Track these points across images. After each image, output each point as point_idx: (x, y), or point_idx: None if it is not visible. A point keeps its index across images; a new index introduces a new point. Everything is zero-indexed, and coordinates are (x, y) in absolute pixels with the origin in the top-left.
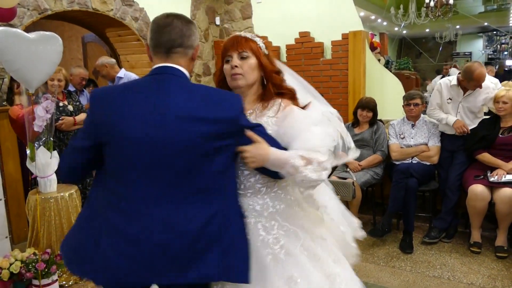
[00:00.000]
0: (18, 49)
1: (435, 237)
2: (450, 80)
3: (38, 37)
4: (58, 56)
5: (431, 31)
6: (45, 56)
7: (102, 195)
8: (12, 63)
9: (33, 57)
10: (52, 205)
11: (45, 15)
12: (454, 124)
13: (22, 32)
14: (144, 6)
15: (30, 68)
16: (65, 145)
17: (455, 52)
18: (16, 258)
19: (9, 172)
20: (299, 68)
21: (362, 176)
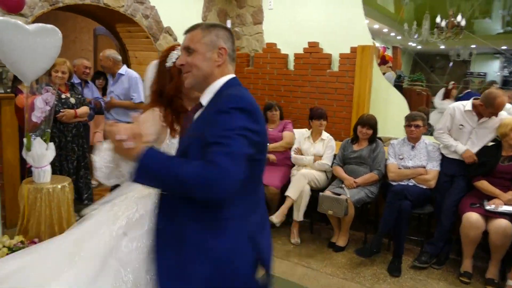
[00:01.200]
0: (16, 41)
1: (425, 262)
2: (464, 105)
3: (37, 30)
4: (56, 50)
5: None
6: (43, 50)
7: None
8: (9, 54)
9: (31, 50)
10: (44, 196)
11: (56, 7)
12: (463, 154)
13: (21, 23)
14: (156, 5)
15: (27, 61)
16: (65, 136)
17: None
18: (4, 245)
19: (7, 158)
20: (306, 78)
21: (356, 194)
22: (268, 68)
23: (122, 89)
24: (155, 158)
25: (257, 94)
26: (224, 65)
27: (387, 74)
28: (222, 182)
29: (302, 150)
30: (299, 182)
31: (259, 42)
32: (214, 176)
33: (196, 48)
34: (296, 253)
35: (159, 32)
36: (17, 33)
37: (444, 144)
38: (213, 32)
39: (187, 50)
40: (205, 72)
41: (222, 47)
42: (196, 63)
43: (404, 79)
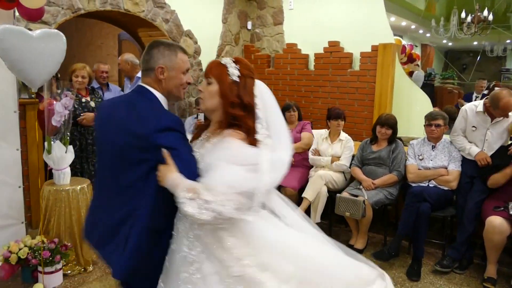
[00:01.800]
0: (22, 48)
1: (447, 266)
2: (476, 105)
3: (42, 35)
4: (61, 54)
5: (479, 44)
6: (48, 55)
7: None
8: (15, 62)
9: (37, 56)
10: (64, 197)
11: (78, 14)
12: (476, 156)
13: (25, 30)
14: (176, 9)
15: (33, 67)
16: (86, 139)
17: (504, 68)
18: (25, 244)
19: (32, 161)
20: (326, 78)
21: (374, 195)
22: (289, 69)
23: None
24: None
25: (277, 95)
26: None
27: (416, 73)
28: None
29: (320, 151)
30: (316, 183)
31: (280, 43)
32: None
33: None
34: None
35: (179, 36)
36: (22, 40)
37: (458, 147)
38: None
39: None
40: None
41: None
42: None
43: (435, 77)
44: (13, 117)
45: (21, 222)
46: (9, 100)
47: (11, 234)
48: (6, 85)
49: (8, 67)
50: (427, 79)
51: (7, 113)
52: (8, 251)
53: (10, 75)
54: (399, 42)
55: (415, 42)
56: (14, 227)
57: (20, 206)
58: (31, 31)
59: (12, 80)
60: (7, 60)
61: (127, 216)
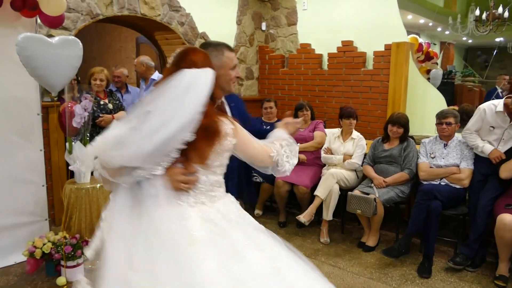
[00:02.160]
0: (42, 55)
1: (460, 263)
2: (495, 105)
3: (60, 42)
4: (78, 60)
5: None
6: (66, 61)
7: None
8: (37, 69)
9: (56, 62)
10: (84, 195)
11: (97, 19)
12: (490, 154)
13: (45, 37)
14: (190, 12)
15: (53, 73)
16: None
17: None
18: (49, 240)
19: (55, 161)
20: (340, 77)
21: (385, 193)
22: (303, 69)
23: None
24: None
25: (292, 94)
26: None
27: (434, 71)
28: None
29: (332, 149)
30: (328, 182)
31: (294, 43)
32: None
33: None
34: (324, 252)
35: (194, 38)
36: (42, 47)
37: (471, 144)
38: None
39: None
40: None
41: None
42: None
43: (456, 75)
44: (37, 119)
45: (44, 219)
46: (32, 104)
47: (35, 231)
48: (29, 89)
49: (30, 73)
50: (447, 77)
51: (31, 116)
52: (33, 246)
53: (34, 80)
54: (415, 40)
55: (434, 40)
56: (39, 223)
57: (44, 204)
58: (51, 38)
59: (35, 85)
60: (29, 66)
61: None
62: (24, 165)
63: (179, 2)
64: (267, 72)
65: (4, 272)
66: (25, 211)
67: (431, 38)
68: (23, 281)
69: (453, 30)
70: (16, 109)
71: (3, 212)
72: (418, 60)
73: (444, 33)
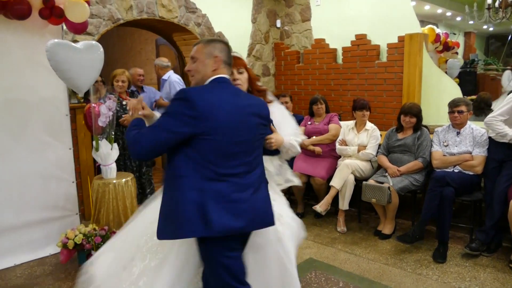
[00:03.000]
0: (69, 59)
1: (476, 249)
2: None
3: (85, 47)
4: (100, 63)
5: None
6: (90, 64)
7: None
8: (65, 72)
9: (81, 65)
10: (111, 190)
11: (118, 24)
12: None
13: (71, 43)
14: (207, 12)
15: (79, 75)
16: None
17: None
18: (80, 231)
19: (83, 159)
20: (354, 70)
21: (400, 182)
22: (318, 64)
23: (165, 93)
24: (131, 123)
25: (307, 89)
26: (219, 69)
27: (450, 61)
28: (134, 146)
29: (347, 141)
30: (343, 172)
31: (308, 39)
32: (133, 140)
33: (197, 57)
34: (341, 240)
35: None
36: (69, 52)
37: (497, 131)
38: (210, 45)
39: (192, 59)
40: (203, 75)
41: (217, 55)
42: (196, 68)
43: (478, 64)
44: (65, 119)
45: (75, 214)
46: (61, 105)
47: (67, 224)
48: (58, 92)
49: (59, 76)
50: (469, 66)
51: (60, 116)
52: (65, 237)
53: (62, 83)
54: (432, 31)
55: (453, 29)
56: (70, 218)
57: (74, 199)
58: (76, 43)
59: (63, 87)
60: (58, 70)
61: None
62: (55, 163)
63: (195, 4)
64: (283, 68)
65: (40, 263)
66: (57, 206)
67: (450, 28)
68: (58, 270)
69: (470, 18)
70: (46, 111)
71: (38, 208)
72: (437, 51)
73: (464, 23)
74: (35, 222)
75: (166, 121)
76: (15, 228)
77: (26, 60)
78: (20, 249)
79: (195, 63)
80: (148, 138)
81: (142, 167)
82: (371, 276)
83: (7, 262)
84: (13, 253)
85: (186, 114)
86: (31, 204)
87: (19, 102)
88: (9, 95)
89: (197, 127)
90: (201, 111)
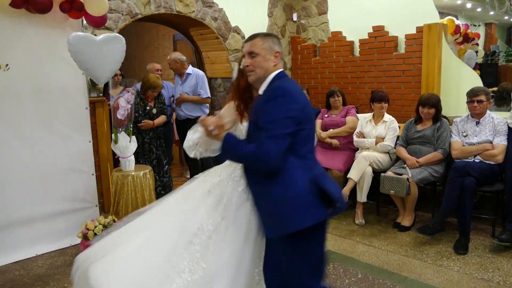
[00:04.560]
0: (88, 51)
1: (507, 240)
2: None
3: (104, 39)
4: (121, 54)
5: None
6: (110, 55)
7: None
8: (84, 63)
9: (100, 57)
10: (130, 182)
11: (136, 18)
12: None
13: (90, 35)
14: (223, 7)
15: (98, 66)
16: (143, 138)
17: None
18: (100, 223)
19: (103, 153)
20: (372, 63)
21: (419, 173)
22: (334, 57)
23: (190, 87)
24: (229, 141)
25: (324, 83)
26: (278, 64)
27: (468, 52)
28: (266, 159)
29: (364, 133)
30: (360, 164)
31: (325, 32)
32: (260, 155)
33: (258, 52)
34: (359, 233)
35: (227, 32)
36: (87, 44)
37: None
38: (270, 39)
39: (251, 54)
40: (265, 70)
41: (277, 51)
42: (258, 64)
43: (499, 55)
44: (85, 113)
45: (95, 205)
46: (81, 98)
47: (87, 216)
48: (78, 85)
49: (79, 67)
50: (491, 58)
51: (80, 110)
52: (86, 228)
53: (81, 77)
54: (452, 22)
55: (474, 21)
56: (90, 210)
57: (94, 191)
58: (96, 36)
59: (83, 81)
60: (77, 60)
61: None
62: (75, 155)
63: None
64: (300, 62)
65: (61, 253)
66: (77, 198)
67: (470, 20)
68: None
69: (491, 8)
70: (67, 103)
71: (58, 199)
72: (456, 42)
73: (484, 14)
74: (56, 214)
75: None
76: (37, 219)
77: (47, 53)
78: (41, 239)
79: (254, 58)
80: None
81: (163, 166)
82: (391, 267)
83: (29, 252)
84: (35, 243)
85: (294, 109)
86: (52, 196)
87: (40, 95)
88: (30, 88)
89: (302, 119)
90: (302, 102)
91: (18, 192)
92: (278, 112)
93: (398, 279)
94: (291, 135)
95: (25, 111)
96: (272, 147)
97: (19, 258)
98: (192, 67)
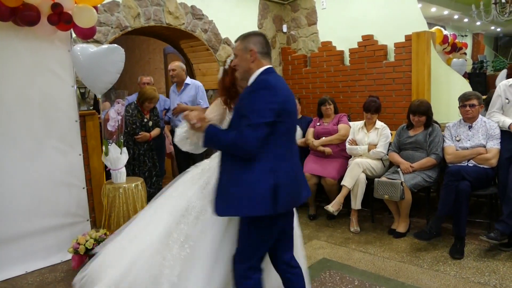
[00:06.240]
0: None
1: (495, 238)
2: (509, 81)
3: (102, 51)
4: (120, 65)
5: None
6: (107, 67)
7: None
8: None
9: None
10: (121, 194)
11: (126, 31)
12: (510, 125)
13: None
14: (213, 19)
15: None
16: (138, 149)
17: None
18: (91, 236)
19: (93, 166)
20: (362, 72)
21: (412, 178)
22: (325, 66)
23: (189, 97)
24: (211, 131)
25: (316, 92)
26: (257, 60)
27: (454, 60)
28: (245, 145)
29: (357, 140)
30: (354, 171)
31: (315, 42)
32: (240, 141)
33: (236, 53)
34: (355, 240)
35: (218, 44)
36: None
37: (495, 121)
38: (246, 40)
39: (235, 55)
40: (244, 68)
41: (252, 49)
42: (238, 63)
43: (487, 65)
44: (75, 125)
45: (86, 220)
46: (70, 111)
47: (78, 231)
48: (67, 98)
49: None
50: (479, 69)
51: (69, 123)
52: (77, 243)
53: (71, 90)
54: (440, 32)
55: (461, 31)
56: (81, 224)
57: (85, 205)
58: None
59: (72, 93)
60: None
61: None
62: (65, 169)
63: (202, 10)
64: (291, 72)
65: (52, 270)
66: (68, 212)
67: (458, 30)
68: (70, 277)
69: (477, 18)
70: (56, 116)
71: (49, 214)
72: (445, 52)
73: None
74: (46, 229)
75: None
76: (26, 235)
77: (35, 66)
78: (31, 256)
79: (236, 58)
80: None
81: (151, 177)
82: (387, 274)
83: (19, 269)
84: (25, 260)
85: (274, 102)
86: (42, 210)
87: (29, 109)
88: (18, 101)
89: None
90: (283, 96)
91: (7, 208)
92: (260, 102)
93: (395, 285)
94: (270, 124)
95: (14, 125)
96: (251, 134)
97: (8, 276)
98: (189, 78)
